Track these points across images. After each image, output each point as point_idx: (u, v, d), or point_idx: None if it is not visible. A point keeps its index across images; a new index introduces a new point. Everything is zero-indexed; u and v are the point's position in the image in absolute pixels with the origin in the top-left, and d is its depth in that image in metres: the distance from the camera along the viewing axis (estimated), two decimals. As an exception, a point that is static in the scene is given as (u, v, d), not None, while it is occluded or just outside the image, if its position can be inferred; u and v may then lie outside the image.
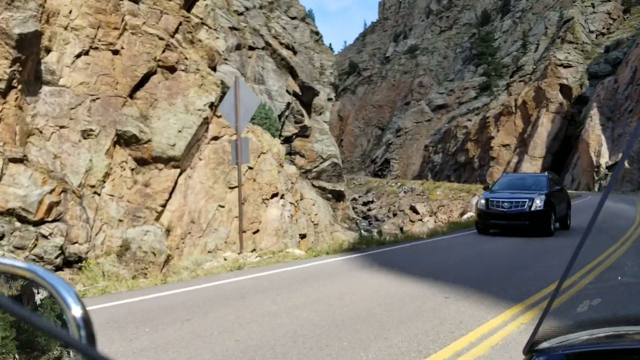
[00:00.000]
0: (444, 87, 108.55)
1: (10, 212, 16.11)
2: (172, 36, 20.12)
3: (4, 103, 16.62)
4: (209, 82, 20.33)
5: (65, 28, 18.75)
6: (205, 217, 20.31)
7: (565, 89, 62.48)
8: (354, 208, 65.56)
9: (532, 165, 58.84)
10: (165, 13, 20.00)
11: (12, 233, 16.00)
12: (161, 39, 19.73)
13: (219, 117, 21.24)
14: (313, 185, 34.43)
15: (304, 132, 33.52)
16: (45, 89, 18.29)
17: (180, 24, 20.13)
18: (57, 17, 18.51)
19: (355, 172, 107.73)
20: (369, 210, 61.03)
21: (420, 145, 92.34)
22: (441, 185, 54.03)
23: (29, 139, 17.52)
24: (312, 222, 23.25)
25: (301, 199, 23.18)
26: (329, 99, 36.41)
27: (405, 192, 58.26)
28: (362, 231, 43.58)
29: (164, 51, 19.82)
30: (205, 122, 20.27)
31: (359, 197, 69.58)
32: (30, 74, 17.83)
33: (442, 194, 48.59)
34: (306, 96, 33.30)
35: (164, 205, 19.60)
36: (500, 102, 69.77)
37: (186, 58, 20.08)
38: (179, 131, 19.52)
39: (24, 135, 17.18)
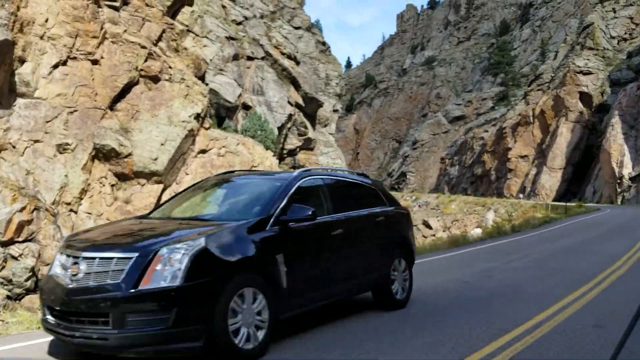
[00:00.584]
0: (461, 99, 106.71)
1: (-25, 232, 15.09)
2: (155, 44, 19.09)
3: (-29, 116, 15.68)
4: (195, 92, 19.21)
5: (42, 37, 17.81)
6: (191, 235, 19.09)
7: (585, 97, 60.35)
8: (367, 222, 63.90)
9: (551, 177, 56.71)
10: (148, 20, 18.99)
11: (-23, 254, 14.94)
12: (143, 47, 18.70)
13: (207, 129, 20.11)
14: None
15: (308, 145, 32.28)
16: (19, 101, 17.32)
17: (163, 31, 19.10)
18: (32, 26, 17.60)
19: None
20: (383, 224, 59.20)
21: (437, 158, 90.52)
22: (456, 199, 52.24)
23: (1, 155, 16.54)
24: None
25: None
26: (335, 110, 35.16)
27: (419, 205, 56.54)
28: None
29: (146, 60, 18.79)
30: (191, 134, 19.12)
31: (374, 211, 67.83)
32: (3, 86, 16.88)
33: (456, 208, 46.84)
34: (310, 107, 32.10)
35: (146, 223, 18.44)
36: (517, 112, 67.78)
37: (170, 67, 19.01)
38: (162, 144, 18.40)
39: (-6, 150, 16.20)
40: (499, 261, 12.48)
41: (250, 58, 27.90)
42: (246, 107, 26.06)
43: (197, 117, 19.18)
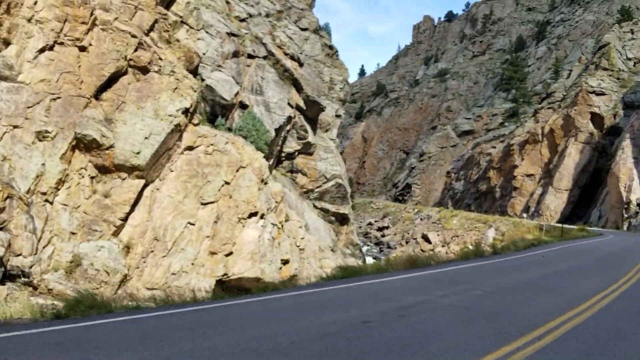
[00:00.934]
0: (471, 113, 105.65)
1: (-59, 218, 14.39)
2: (147, 34, 18.40)
3: (-55, 96, 15.01)
4: (185, 86, 18.48)
5: (29, 20, 17.16)
6: (171, 235, 18.31)
7: (596, 118, 59.19)
8: (367, 233, 63.07)
9: (556, 198, 55.50)
10: (140, 9, 18.30)
11: (-60, 241, 14.24)
12: (134, 36, 18.00)
13: (196, 125, 19.37)
14: (315, 206, 32.29)
15: (307, 149, 31.49)
16: (1, 84, 16.66)
17: (156, 21, 18.40)
18: (20, 8, 16.93)
19: (376, 196, 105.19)
20: (383, 236, 58.45)
21: (444, 171, 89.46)
22: (458, 214, 51.24)
23: (-25, 138, 15.86)
24: (297, 246, 21.04)
25: (286, 221, 21.03)
26: (337, 116, 34.36)
27: (421, 219, 55.59)
28: (372, 258, 41.16)
29: (136, 50, 18.09)
30: (178, 129, 18.37)
31: (375, 221, 67.10)
32: (-16, 68, 16.24)
33: (457, 224, 45.89)
34: (311, 111, 31.31)
35: (124, 219, 17.68)
36: (526, 130, 66.64)
37: (160, 59, 18.30)
38: (146, 138, 17.66)
39: (-32, 134, 15.51)
40: (437, 293, 10.20)
41: (251, 56, 27.16)
42: (243, 106, 25.32)
43: (186, 112, 18.44)
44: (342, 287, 10.72)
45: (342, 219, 32.55)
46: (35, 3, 17.21)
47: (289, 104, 28.49)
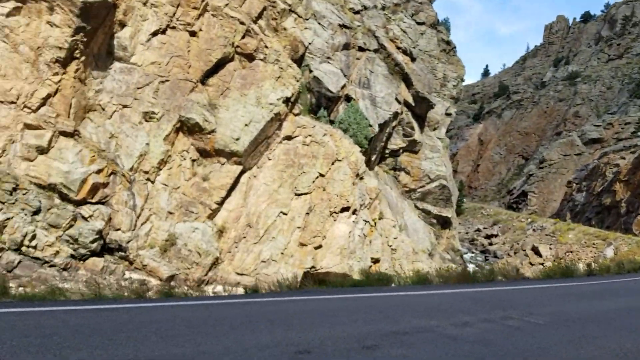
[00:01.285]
0: (601, 120, 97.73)
1: (51, 187, 15.26)
2: (255, 22, 18.43)
3: (64, 74, 15.87)
4: (288, 75, 18.32)
5: (144, 3, 17.80)
6: (264, 223, 18.30)
7: None
8: (473, 240, 60.43)
9: (694, 220, 49.61)
10: (251, -4, 18.36)
11: (49, 209, 15.13)
12: (242, 23, 18.11)
13: (297, 115, 19.18)
14: (416, 207, 31.23)
15: (412, 147, 30.47)
16: (115, 65, 17.45)
17: (264, 9, 18.37)
18: (137, -8, 17.63)
19: (488, 202, 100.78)
20: (490, 244, 55.63)
21: (565, 181, 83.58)
22: (575, 228, 47.43)
23: (88, 115, 16.70)
24: (390, 246, 20.27)
25: (380, 218, 20.32)
26: (448, 114, 32.91)
27: (534, 230, 52.22)
28: (475, 266, 39.22)
29: (243, 37, 18.19)
30: (278, 118, 18.27)
31: (484, 228, 64.13)
32: (101, 48, 17.04)
33: (574, 238, 42.49)
34: (420, 108, 30.22)
35: (220, 204, 17.91)
36: (664, 142, 60.29)
37: (266, 47, 18.25)
38: (246, 125, 17.73)
39: (81, 110, 16.36)
40: (459, 318, 7.88)
41: (361, 49, 26.61)
42: (349, 99, 24.86)
43: (287, 101, 18.28)
44: (350, 297, 9.42)
45: (444, 223, 31.19)
46: (152, -13, 17.79)
47: (396, 99, 27.63)
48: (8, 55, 15.33)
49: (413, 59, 29.81)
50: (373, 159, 27.14)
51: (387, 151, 29.66)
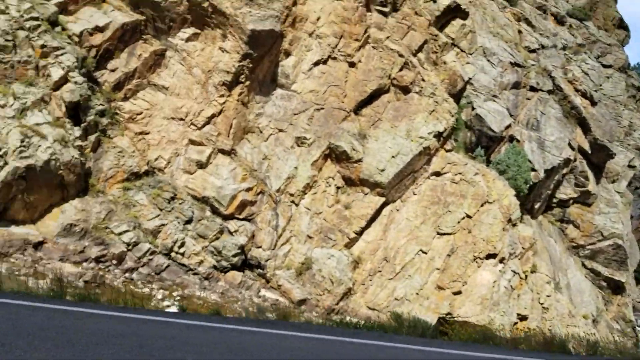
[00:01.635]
0: None
1: (204, 200, 16.45)
2: (414, 55, 18.24)
3: (229, 96, 17.14)
4: (443, 110, 17.78)
5: (310, 34, 18.59)
6: (402, 259, 17.76)
7: None
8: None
9: None
10: (413, 29, 18.25)
11: (199, 220, 16.27)
12: (401, 55, 18.04)
13: (449, 151, 18.47)
14: (584, 265, 28.13)
15: (585, 199, 27.63)
16: (278, 91, 18.40)
17: (425, 42, 18.13)
18: (304, 23, 18.46)
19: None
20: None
21: None
22: None
23: (246, 136, 17.77)
24: (541, 304, 18.40)
25: (532, 272, 18.57)
26: (631, 166, 29.34)
27: None
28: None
29: (401, 69, 18.09)
30: (427, 152, 17.75)
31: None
32: (266, 74, 18.12)
33: None
34: (597, 157, 27.40)
35: (359, 234, 17.78)
36: None
37: (423, 80, 17.95)
38: (393, 156, 17.49)
39: (240, 130, 17.47)
40: None
41: (533, 89, 24.97)
42: (513, 140, 23.38)
43: (439, 135, 17.72)
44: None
45: (616, 287, 27.60)
46: (318, 19, 18.53)
47: (569, 144, 25.35)
48: (183, 77, 16.98)
49: (594, 103, 27.24)
50: (537, 207, 25.10)
51: (554, 200, 27.22)
